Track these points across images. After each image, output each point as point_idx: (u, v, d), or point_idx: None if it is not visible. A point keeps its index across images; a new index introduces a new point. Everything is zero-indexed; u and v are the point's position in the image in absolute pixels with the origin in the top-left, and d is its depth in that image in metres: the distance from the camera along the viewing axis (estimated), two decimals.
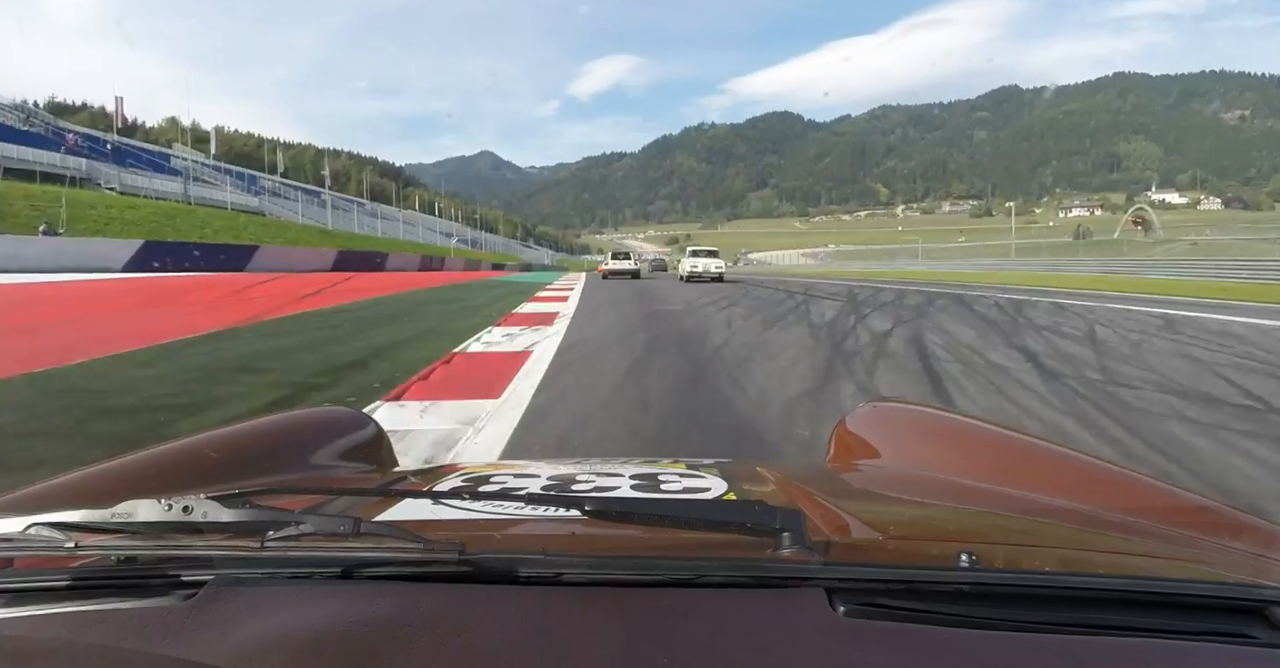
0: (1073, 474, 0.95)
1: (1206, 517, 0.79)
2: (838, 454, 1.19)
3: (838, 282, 21.43)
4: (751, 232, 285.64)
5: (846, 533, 0.69)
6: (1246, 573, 0.61)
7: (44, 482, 0.84)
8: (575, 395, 4.17)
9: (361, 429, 1.22)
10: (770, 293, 14.88)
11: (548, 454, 2.99)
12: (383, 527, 0.57)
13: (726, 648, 0.46)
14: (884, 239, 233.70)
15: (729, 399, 4.04)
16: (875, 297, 13.20)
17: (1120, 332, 7.00)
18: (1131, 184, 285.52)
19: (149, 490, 0.63)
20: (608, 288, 18.15)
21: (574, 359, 5.53)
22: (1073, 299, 11.86)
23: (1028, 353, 5.68)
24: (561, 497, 0.71)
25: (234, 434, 1.10)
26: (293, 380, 4.47)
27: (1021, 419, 3.54)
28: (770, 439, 3.24)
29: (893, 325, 7.92)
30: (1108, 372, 4.80)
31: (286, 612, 0.51)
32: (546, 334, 7.20)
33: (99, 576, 0.56)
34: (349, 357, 5.47)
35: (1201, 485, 2.51)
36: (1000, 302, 11.42)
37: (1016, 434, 1.13)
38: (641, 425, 3.47)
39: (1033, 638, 0.48)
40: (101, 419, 3.37)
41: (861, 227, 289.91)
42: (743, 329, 7.76)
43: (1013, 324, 7.93)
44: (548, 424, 3.46)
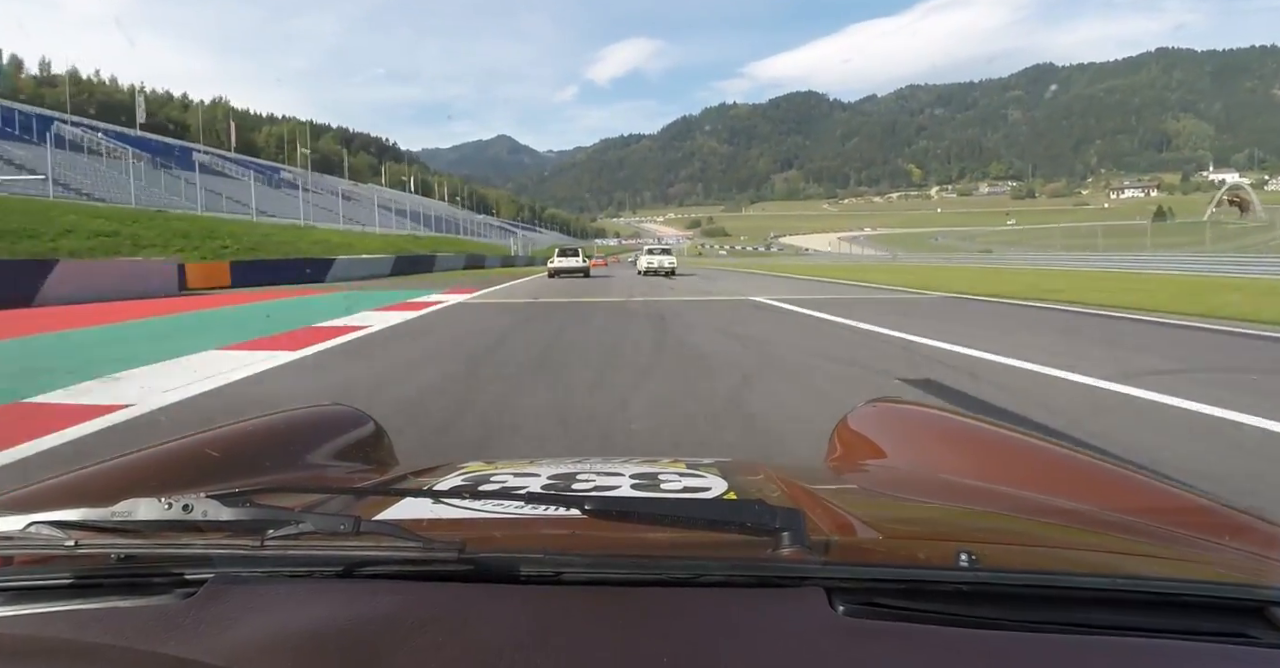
0: (1073, 474, 0.95)
1: (1206, 517, 0.79)
2: (838, 453, 1.18)
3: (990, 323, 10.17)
4: (778, 214, 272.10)
5: (846, 532, 0.69)
6: (1246, 573, 0.61)
7: (44, 481, 0.85)
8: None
9: (362, 427, 1.22)
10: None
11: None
12: (383, 526, 0.56)
13: (726, 648, 0.46)
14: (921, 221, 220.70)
15: None
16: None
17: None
18: (1183, 163, 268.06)
19: (149, 489, 0.62)
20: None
21: None
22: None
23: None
24: (561, 496, 0.70)
25: (234, 433, 1.10)
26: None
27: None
28: None
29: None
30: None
31: (286, 611, 0.51)
32: None
33: (99, 574, 0.56)
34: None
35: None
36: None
37: (1016, 434, 1.12)
38: None
39: (1033, 638, 0.48)
40: None
41: (895, 209, 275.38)
42: None
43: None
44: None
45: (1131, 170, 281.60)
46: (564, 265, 24.49)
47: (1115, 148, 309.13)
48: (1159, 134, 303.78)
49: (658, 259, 24.77)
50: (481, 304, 12.23)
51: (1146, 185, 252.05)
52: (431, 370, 5.27)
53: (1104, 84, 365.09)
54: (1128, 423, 3.48)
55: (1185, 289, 13.65)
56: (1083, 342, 6.71)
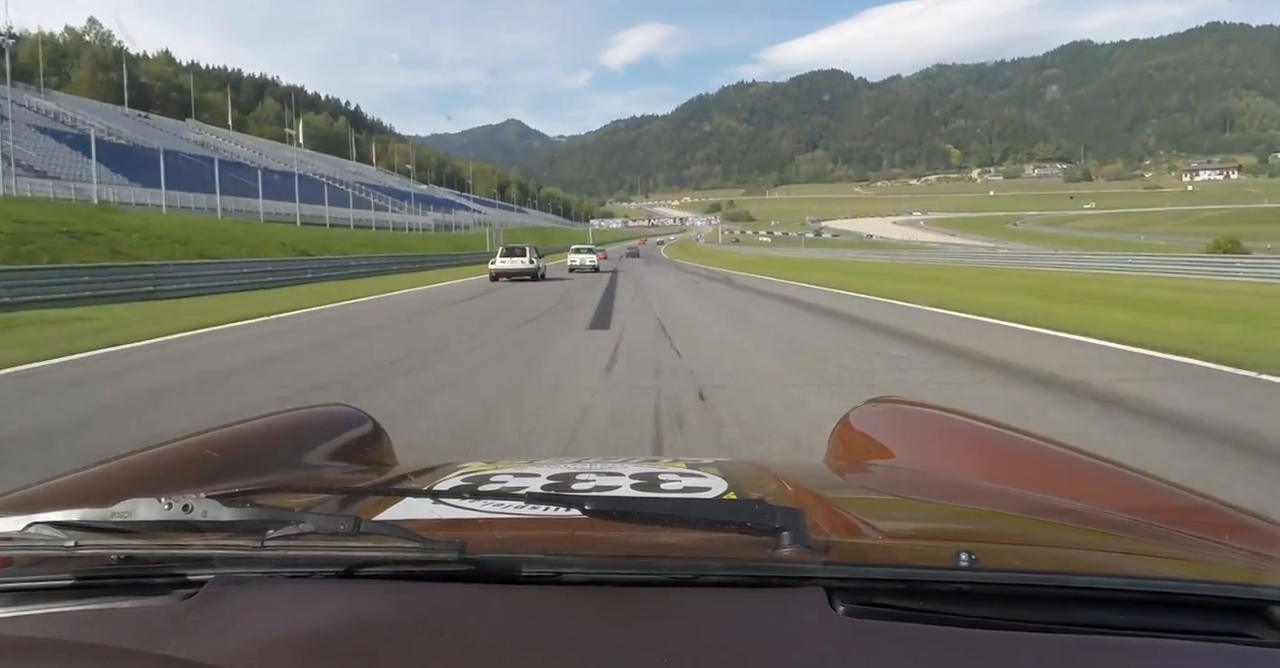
0: (1073, 474, 0.95)
1: (1206, 517, 0.78)
2: (838, 453, 1.18)
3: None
4: (805, 197, 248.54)
5: (846, 532, 0.69)
6: (1246, 573, 0.61)
7: (44, 481, 0.85)
8: None
9: (362, 428, 1.21)
10: None
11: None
12: (383, 526, 0.56)
13: (726, 648, 0.46)
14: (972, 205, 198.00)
15: None
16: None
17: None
18: (1251, 144, 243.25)
19: (149, 490, 0.62)
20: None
21: None
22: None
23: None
24: (561, 496, 0.69)
25: (234, 434, 1.10)
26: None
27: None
28: None
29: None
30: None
31: (286, 611, 0.51)
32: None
33: (99, 575, 0.56)
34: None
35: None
36: None
37: (1017, 434, 1.11)
38: None
39: (1033, 638, 0.47)
40: None
41: (935, 192, 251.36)
42: None
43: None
44: None
45: (1194, 151, 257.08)
46: (507, 267, 20.77)
47: (1174, 127, 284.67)
48: (1221, 113, 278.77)
49: (581, 257, 26.99)
50: None
51: (1222, 167, 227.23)
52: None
53: (1152, 61, 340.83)
54: None
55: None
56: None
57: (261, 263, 19.45)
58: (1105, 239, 67.62)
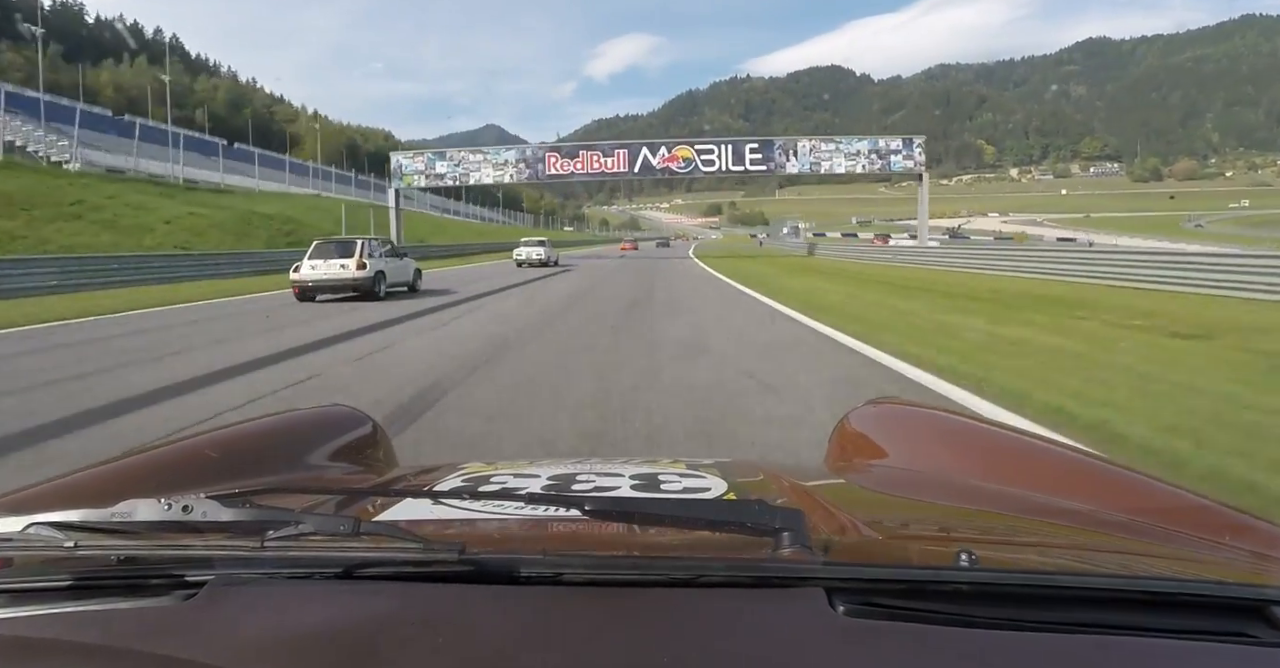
0: (1073, 474, 0.94)
1: (1206, 517, 0.78)
2: (838, 453, 1.17)
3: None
4: (820, 198, 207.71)
5: (846, 533, 0.68)
6: (1246, 573, 0.61)
7: (44, 482, 0.84)
8: None
9: (361, 428, 1.20)
10: None
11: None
12: (383, 527, 0.56)
13: (726, 648, 0.46)
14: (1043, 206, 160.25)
15: None
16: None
17: None
18: None
19: (149, 490, 0.62)
20: None
21: None
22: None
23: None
24: (561, 497, 0.70)
25: (234, 434, 1.10)
26: None
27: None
28: None
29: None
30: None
31: (286, 612, 0.51)
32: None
33: (99, 575, 0.55)
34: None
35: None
36: None
37: (1017, 434, 1.11)
38: None
39: (1033, 638, 0.47)
40: None
41: (970, 193, 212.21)
42: None
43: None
44: None
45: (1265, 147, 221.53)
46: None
47: (1236, 122, 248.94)
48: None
49: (529, 251, 27.11)
50: None
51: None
52: None
53: (1186, 55, 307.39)
54: None
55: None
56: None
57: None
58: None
